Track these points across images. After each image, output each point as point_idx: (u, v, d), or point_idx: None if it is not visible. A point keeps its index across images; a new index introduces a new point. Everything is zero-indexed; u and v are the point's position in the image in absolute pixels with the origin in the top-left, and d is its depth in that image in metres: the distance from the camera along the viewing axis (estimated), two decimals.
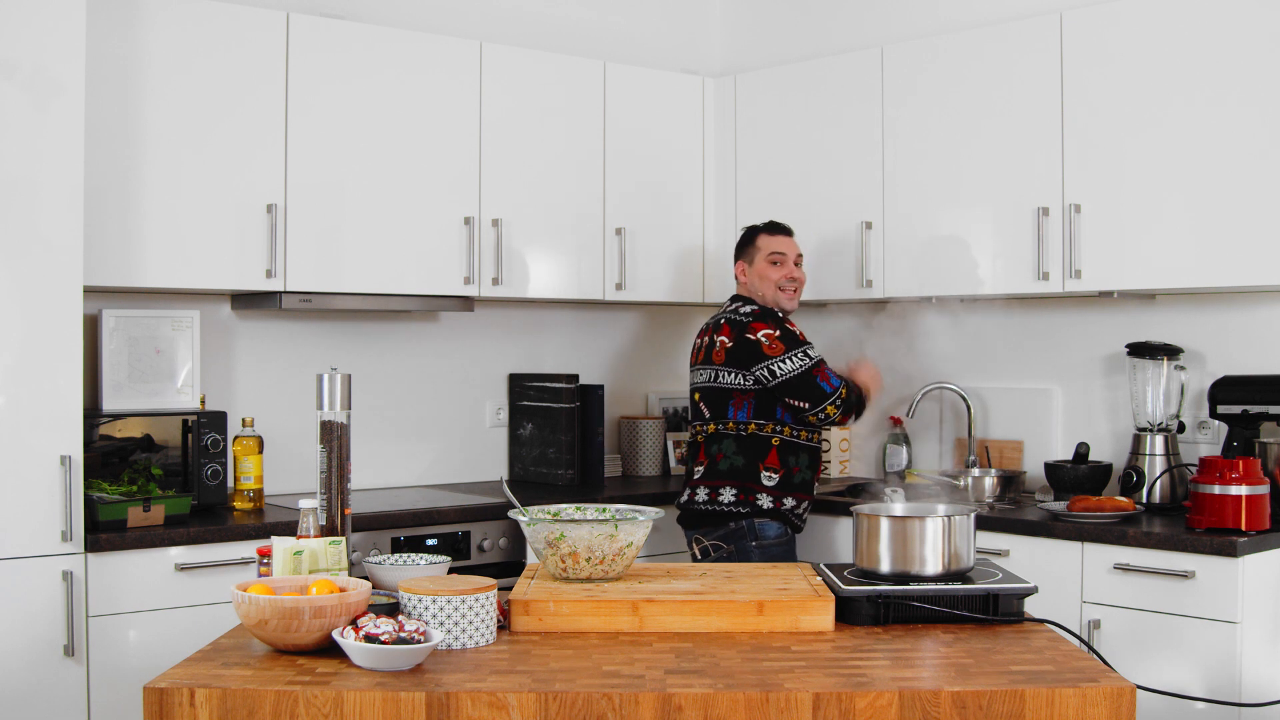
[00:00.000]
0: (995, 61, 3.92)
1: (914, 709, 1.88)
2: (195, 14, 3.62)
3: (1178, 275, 3.55)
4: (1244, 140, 3.42)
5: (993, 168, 3.92)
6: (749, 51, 4.95)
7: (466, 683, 1.93)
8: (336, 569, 2.33)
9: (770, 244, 3.80)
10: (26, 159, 3.16)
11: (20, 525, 3.14)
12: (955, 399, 4.35)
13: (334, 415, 2.44)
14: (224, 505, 3.71)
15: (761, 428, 3.64)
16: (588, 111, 4.38)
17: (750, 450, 3.64)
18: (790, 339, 3.65)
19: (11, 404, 3.14)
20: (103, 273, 3.47)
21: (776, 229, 3.85)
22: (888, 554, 2.37)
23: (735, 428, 3.66)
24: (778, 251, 3.79)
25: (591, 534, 2.35)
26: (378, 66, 3.94)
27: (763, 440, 3.64)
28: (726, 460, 3.65)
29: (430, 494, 4.14)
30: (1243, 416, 3.51)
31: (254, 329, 4.10)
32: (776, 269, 3.77)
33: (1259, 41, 3.39)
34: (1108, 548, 3.38)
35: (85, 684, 3.22)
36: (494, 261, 4.14)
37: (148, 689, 1.91)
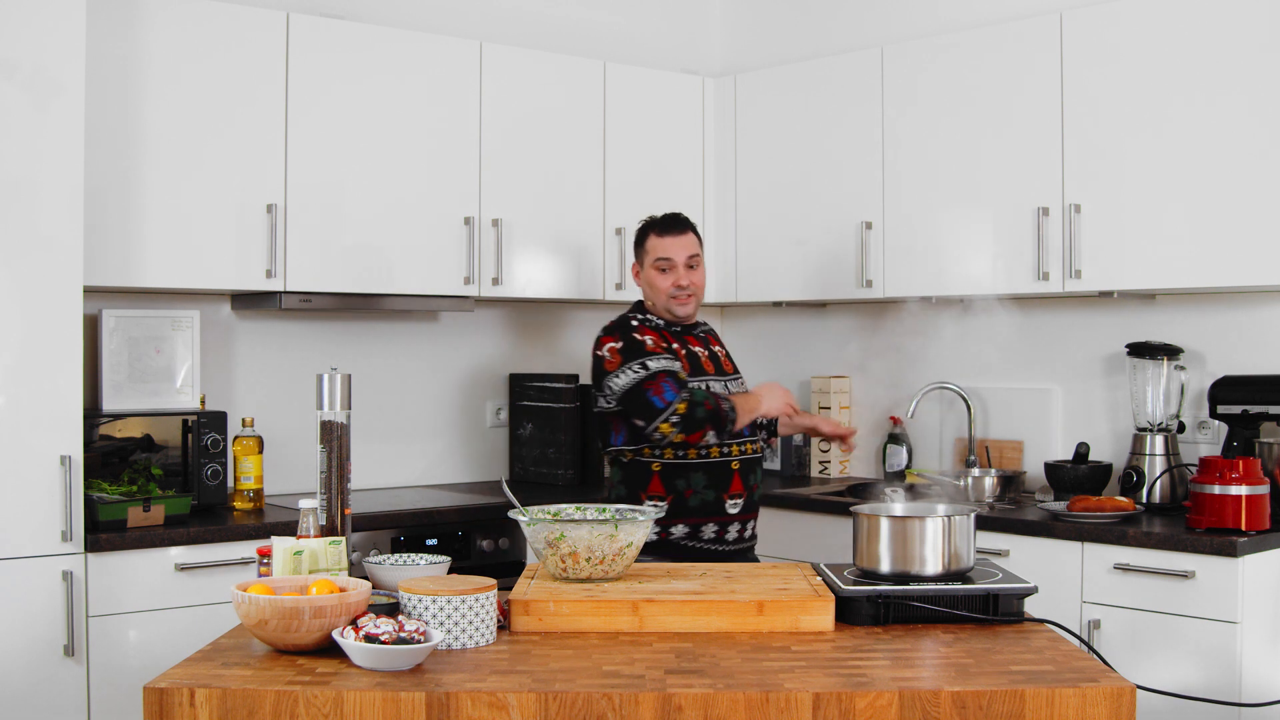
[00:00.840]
0: (995, 61, 3.92)
1: (914, 709, 1.88)
2: (195, 14, 3.62)
3: (1178, 275, 3.55)
4: (1244, 140, 3.42)
5: (993, 168, 3.92)
6: (749, 51, 4.95)
7: (466, 683, 1.93)
8: (336, 569, 2.33)
9: (657, 247, 3.41)
10: (26, 159, 3.16)
11: (20, 525, 3.14)
12: (955, 399, 4.35)
13: (334, 415, 2.44)
14: (224, 505, 3.71)
15: (639, 452, 3.29)
16: (588, 111, 4.38)
17: (632, 479, 3.31)
18: (631, 350, 3.27)
19: (11, 404, 3.14)
20: (103, 273, 3.47)
21: (666, 228, 3.43)
22: (888, 554, 2.37)
23: (617, 454, 3.34)
24: (663, 258, 3.39)
25: (591, 534, 2.35)
26: (378, 66, 3.94)
27: (643, 467, 3.29)
28: (614, 490, 3.38)
29: (430, 494, 4.14)
30: (1243, 416, 3.51)
31: (254, 329, 4.09)
32: (663, 276, 3.38)
33: (1258, 41, 3.39)
34: (1108, 548, 3.38)
35: (85, 684, 3.22)
36: (494, 261, 4.14)
37: (148, 689, 1.91)
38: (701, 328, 3.52)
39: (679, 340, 3.41)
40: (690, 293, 3.40)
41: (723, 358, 3.51)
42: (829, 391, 4.62)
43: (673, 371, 3.26)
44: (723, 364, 3.49)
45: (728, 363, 3.52)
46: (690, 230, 3.44)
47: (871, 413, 4.65)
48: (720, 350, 3.53)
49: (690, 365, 3.38)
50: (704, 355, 3.43)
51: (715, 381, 3.38)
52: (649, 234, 3.45)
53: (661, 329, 3.39)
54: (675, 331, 3.43)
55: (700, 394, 3.24)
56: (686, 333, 3.46)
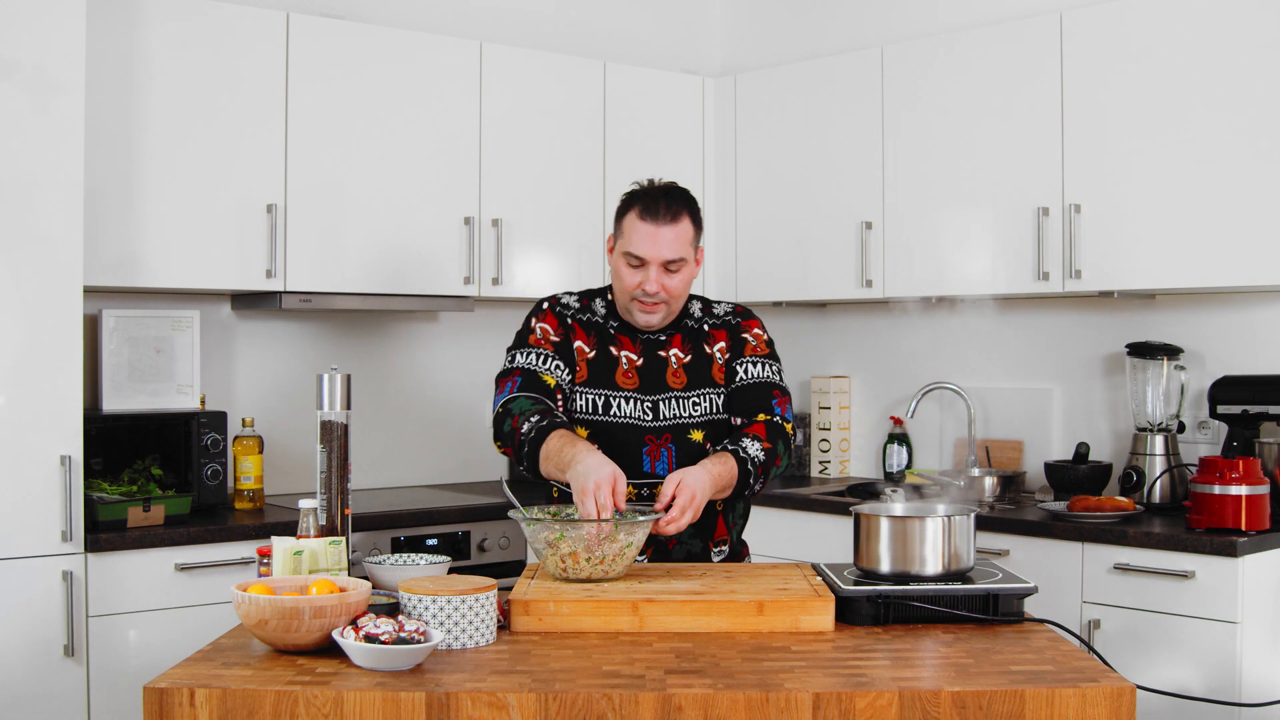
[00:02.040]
0: (995, 61, 3.92)
1: (914, 709, 1.88)
2: (195, 14, 3.62)
3: (1178, 275, 3.55)
4: (1244, 140, 3.42)
5: (993, 168, 3.92)
6: (749, 51, 4.95)
7: (466, 683, 1.93)
8: (336, 569, 2.33)
9: (632, 235, 2.63)
10: (26, 159, 3.16)
11: (20, 525, 3.14)
12: (955, 399, 4.35)
13: (334, 415, 2.44)
14: (224, 505, 3.71)
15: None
16: (588, 111, 4.38)
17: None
18: (517, 339, 2.76)
19: (11, 404, 3.14)
20: (103, 273, 3.47)
21: (651, 210, 2.62)
22: (888, 554, 2.36)
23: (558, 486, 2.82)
24: (634, 253, 2.63)
25: (590, 533, 2.35)
26: (378, 66, 3.94)
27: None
28: None
29: (430, 494, 4.14)
30: (1243, 416, 3.51)
31: (254, 329, 4.10)
32: (630, 273, 2.65)
33: (1258, 41, 3.39)
34: (1108, 548, 3.38)
35: (85, 684, 3.22)
36: (494, 261, 4.14)
37: (148, 689, 1.91)
38: (672, 328, 2.76)
39: (600, 336, 2.74)
40: (660, 300, 2.66)
41: (674, 367, 2.72)
42: (829, 391, 4.62)
43: (529, 372, 2.66)
44: (666, 379, 2.70)
45: (679, 375, 2.71)
46: (683, 217, 2.64)
47: (871, 413, 4.65)
48: (679, 355, 2.74)
49: (591, 373, 2.69)
50: (630, 361, 2.71)
51: (629, 399, 2.68)
52: (630, 209, 2.66)
53: (586, 321, 2.75)
54: (612, 326, 2.75)
55: (521, 405, 2.59)
56: (626, 330, 2.74)
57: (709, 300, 2.84)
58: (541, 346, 2.70)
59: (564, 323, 2.74)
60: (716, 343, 2.76)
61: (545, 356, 2.68)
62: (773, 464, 2.63)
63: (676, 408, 2.69)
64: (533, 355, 2.69)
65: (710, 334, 2.77)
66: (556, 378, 2.67)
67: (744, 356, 2.75)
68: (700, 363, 2.74)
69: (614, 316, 2.76)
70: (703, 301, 2.83)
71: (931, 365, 4.43)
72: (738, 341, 2.77)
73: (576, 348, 2.72)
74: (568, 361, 2.71)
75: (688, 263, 2.66)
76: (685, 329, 2.76)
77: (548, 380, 2.66)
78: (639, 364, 2.71)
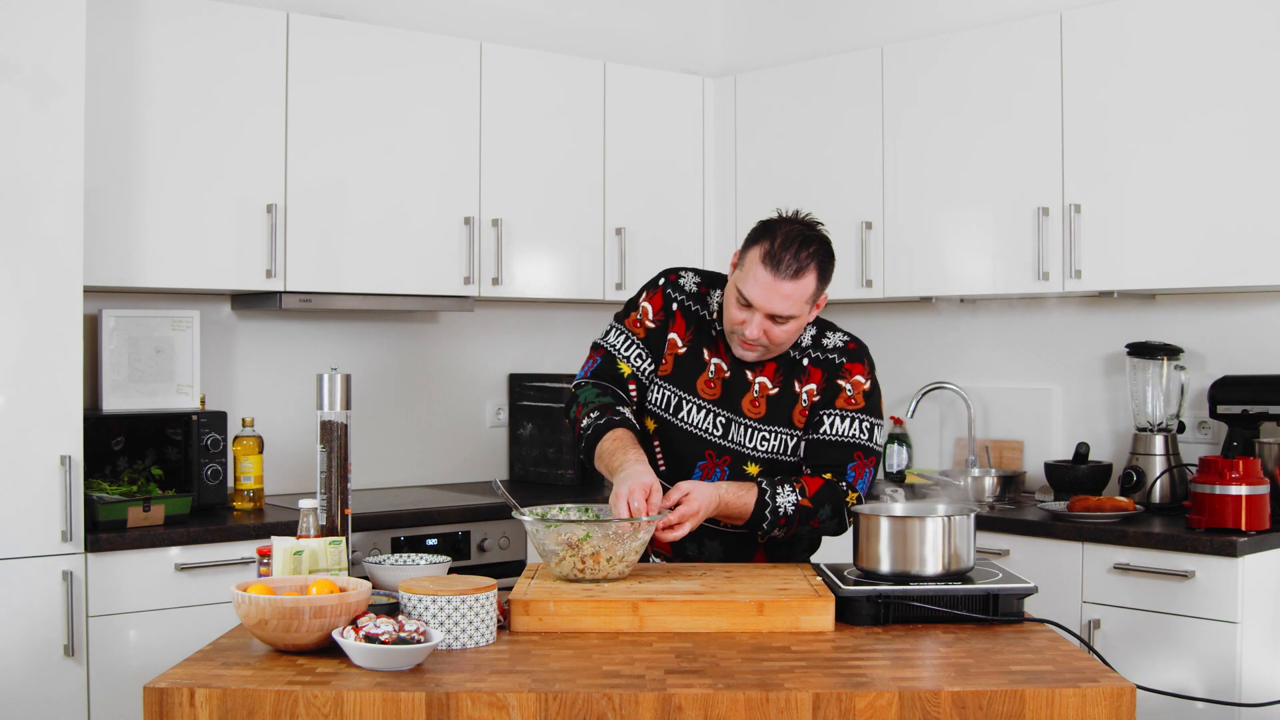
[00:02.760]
0: (995, 61, 3.92)
1: (914, 709, 1.88)
2: (195, 14, 3.62)
3: (1178, 275, 3.55)
4: (1244, 140, 3.42)
5: (993, 168, 3.92)
6: (749, 51, 4.95)
7: (466, 683, 1.93)
8: (336, 569, 2.33)
9: (752, 279, 2.48)
10: (26, 159, 3.16)
11: (20, 525, 3.14)
12: (955, 399, 4.35)
13: (334, 415, 2.44)
14: (224, 505, 3.71)
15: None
16: (588, 111, 4.38)
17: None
18: (626, 305, 2.72)
19: (11, 404, 3.14)
20: (103, 273, 3.47)
21: (774, 259, 2.47)
22: (888, 554, 2.36)
23: None
24: (746, 300, 2.49)
25: (617, 532, 2.34)
26: (378, 66, 3.94)
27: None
28: None
29: (430, 494, 4.14)
30: (1243, 416, 3.51)
31: (254, 329, 4.09)
32: (738, 311, 2.51)
33: (1258, 41, 3.39)
34: (1108, 548, 3.38)
35: (85, 684, 3.21)
36: (494, 261, 4.14)
37: (148, 689, 1.91)
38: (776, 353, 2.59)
39: (700, 332, 2.63)
40: (760, 344, 2.53)
41: (755, 395, 2.59)
42: None
43: (609, 355, 2.64)
44: (743, 403, 2.59)
45: (758, 405, 2.58)
46: (807, 274, 2.47)
47: None
48: (765, 384, 2.59)
49: (675, 370, 2.63)
50: (718, 370, 2.61)
51: (702, 409, 2.60)
52: (757, 244, 2.51)
53: (693, 312, 2.65)
54: (716, 328, 2.63)
55: (586, 396, 2.59)
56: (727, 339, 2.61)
57: (825, 325, 2.64)
58: (633, 330, 2.65)
59: (668, 307, 2.65)
60: (808, 383, 2.59)
61: (632, 342, 2.64)
62: (805, 524, 2.54)
63: (745, 435, 2.59)
64: (621, 337, 2.65)
65: (807, 370, 2.60)
66: (634, 367, 2.63)
67: (834, 408, 2.58)
68: (784, 399, 2.59)
69: (723, 319, 2.61)
70: (818, 327, 2.64)
71: (931, 365, 4.43)
72: (832, 388, 2.59)
73: (670, 339, 2.64)
74: (656, 350, 2.64)
75: (800, 318, 2.52)
76: (783, 358, 2.60)
77: (623, 369, 2.63)
78: (726, 375, 2.60)
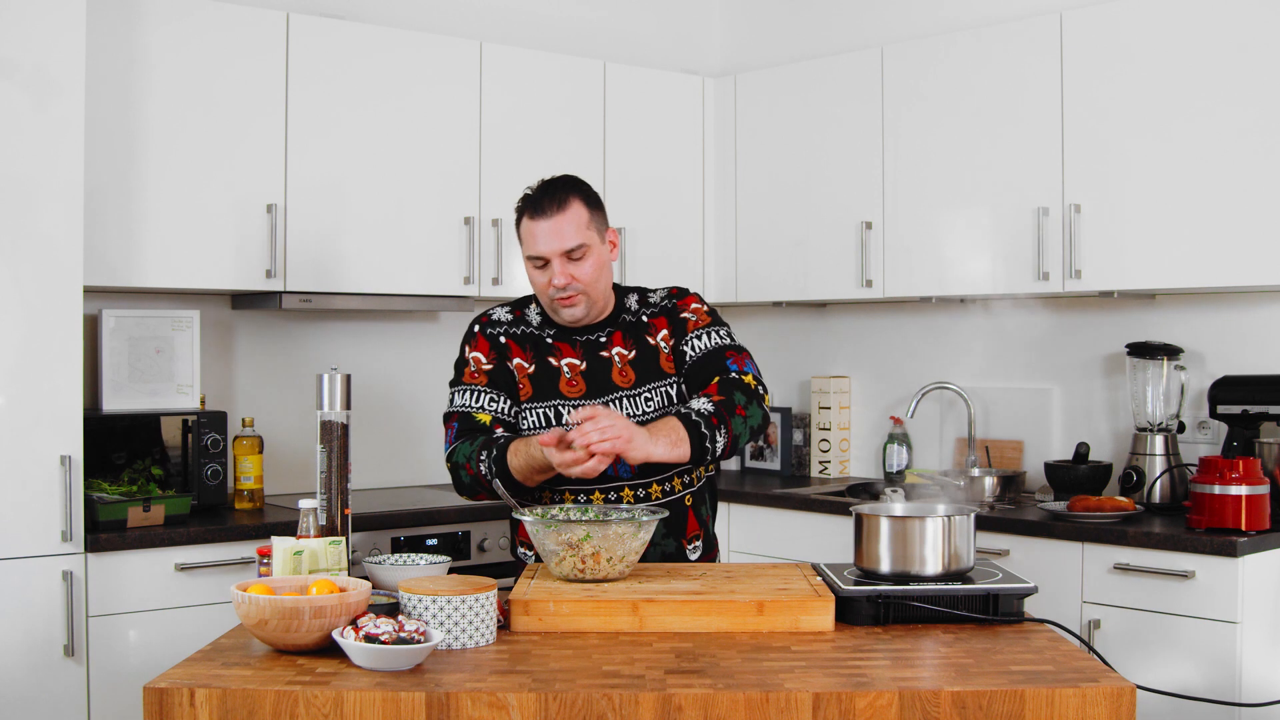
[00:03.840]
0: (995, 61, 3.92)
1: (914, 709, 1.88)
2: (195, 14, 3.62)
3: (1178, 275, 3.55)
4: (1244, 140, 3.42)
5: (993, 168, 3.92)
6: (749, 51, 4.95)
7: (466, 683, 1.93)
8: (336, 569, 2.33)
9: (527, 238, 2.59)
10: (26, 159, 3.16)
11: (20, 525, 3.14)
12: (955, 399, 4.35)
13: (334, 415, 2.44)
14: (224, 505, 3.71)
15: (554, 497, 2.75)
16: (588, 111, 4.38)
17: None
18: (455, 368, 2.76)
19: (11, 404, 3.14)
20: (103, 273, 3.47)
21: (535, 207, 2.58)
22: (888, 554, 2.36)
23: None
24: (533, 255, 2.59)
25: (618, 533, 2.34)
26: (378, 66, 3.94)
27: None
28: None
29: (430, 494, 4.14)
30: (1243, 416, 3.51)
31: (254, 329, 4.09)
32: (539, 274, 2.60)
33: (1258, 41, 3.39)
34: (1108, 548, 3.38)
35: (85, 684, 3.21)
36: (494, 261, 4.14)
37: (148, 689, 1.91)
38: (609, 325, 2.69)
39: (537, 349, 2.68)
40: (575, 292, 2.59)
41: (619, 366, 2.66)
42: (829, 391, 4.62)
43: (464, 414, 2.65)
44: (613, 377, 2.65)
45: (626, 372, 2.65)
46: (571, 202, 2.58)
47: (871, 413, 4.65)
48: (622, 353, 2.67)
49: (535, 388, 2.66)
50: (572, 368, 2.66)
51: (577, 408, 2.56)
52: (521, 217, 2.62)
53: (520, 335, 2.70)
54: (548, 336, 2.69)
55: (463, 453, 2.58)
56: (563, 336, 2.68)
57: (645, 289, 2.77)
58: (475, 381, 2.66)
59: (496, 344, 2.69)
60: (658, 331, 2.70)
61: (478, 393, 2.65)
62: (732, 413, 2.51)
63: (629, 406, 2.64)
64: (467, 394, 2.66)
65: (650, 324, 2.70)
66: (491, 411, 2.64)
67: (687, 334, 2.67)
68: (646, 356, 2.67)
69: (549, 324, 2.71)
70: (639, 292, 2.76)
71: (931, 365, 4.43)
72: (678, 323, 2.69)
73: (515, 365, 2.68)
74: (507, 384, 2.67)
75: (591, 248, 2.59)
76: (624, 325, 2.70)
77: (482, 418, 2.63)
78: (582, 369, 2.66)
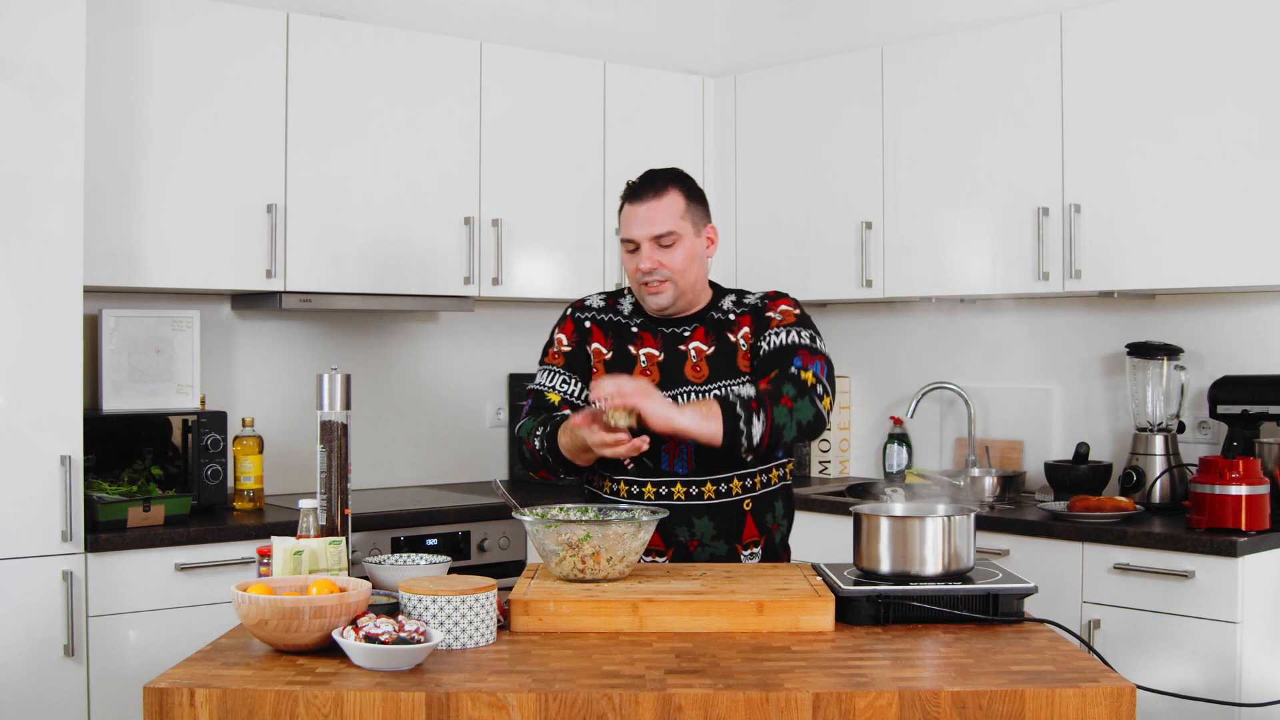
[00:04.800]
0: (995, 61, 3.92)
1: (914, 709, 1.88)
2: (195, 14, 3.62)
3: (1178, 275, 3.55)
4: (1244, 140, 3.42)
5: (993, 168, 3.92)
6: (749, 51, 4.95)
7: (466, 683, 1.93)
8: (336, 569, 2.33)
9: (624, 222, 2.66)
10: (26, 159, 3.16)
11: (20, 525, 3.14)
12: (955, 399, 4.35)
13: (334, 415, 2.44)
14: (224, 505, 3.71)
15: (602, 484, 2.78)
16: (588, 111, 4.38)
17: None
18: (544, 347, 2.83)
19: (11, 404, 3.14)
20: (103, 273, 3.47)
21: (635, 193, 2.65)
22: (888, 554, 2.36)
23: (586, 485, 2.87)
24: (626, 238, 2.65)
25: (617, 533, 2.34)
26: (378, 66, 3.94)
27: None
28: None
29: (430, 494, 4.14)
30: (1243, 416, 3.51)
31: (254, 329, 4.09)
32: (630, 259, 2.65)
33: (1258, 41, 3.39)
34: (1108, 548, 3.38)
35: (85, 684, 3.21)
36: (494, 261, 4.14)
37: (148, 689, 1.91)
38: (696, 320, 2.70)
39: (619, 336, 2.72)
40: (662, 278, 2.61)
41: (694, 360, 2.66)
42: None
43: (538, 393, 2.73)
44: (685, 374, 2.64)
45: (700, 368, 2.65)
46: (669, 191, 2.64)
47: (871, 413, 4.65)
48: (700, 348, 2.67)
49: (607, 373, 2.67)
50: (649, 358, 2.67)
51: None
52: (622, 204, 2.69)
53: (606, 322, 2.74)
54: (634, 325, 2.72)
55: (525, 429, 2.68)
56: (649, 327, 2.71)
57: (744, 291, 2.76)
58: (553, 362, 2.74)
59: (581, 328, 2.74)
60: (741, 329, 2.67)
61: (554, 373, 2.73)
62: (776, 402, 2.47)
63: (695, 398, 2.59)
64: (544, 375, 2.75)
65: (735, 322, 2.68)
66: (561, 393, 2.71)
67: (768, 330, 2.64)
68: (724, 353, 2.65)
69: (639, 313, 2.73)
70: (737, 293, 2.75)
71: (931, 365, 4.43)
72: (761, 321, 2.66)
73: (594, 350, 2.72)
74: (582, 367, 2.72)
75: (683, 237, 2.62)
76: (709, 320, 2.69)
77: (552, 398, 2.71)
78: (660, 359, 2.66)
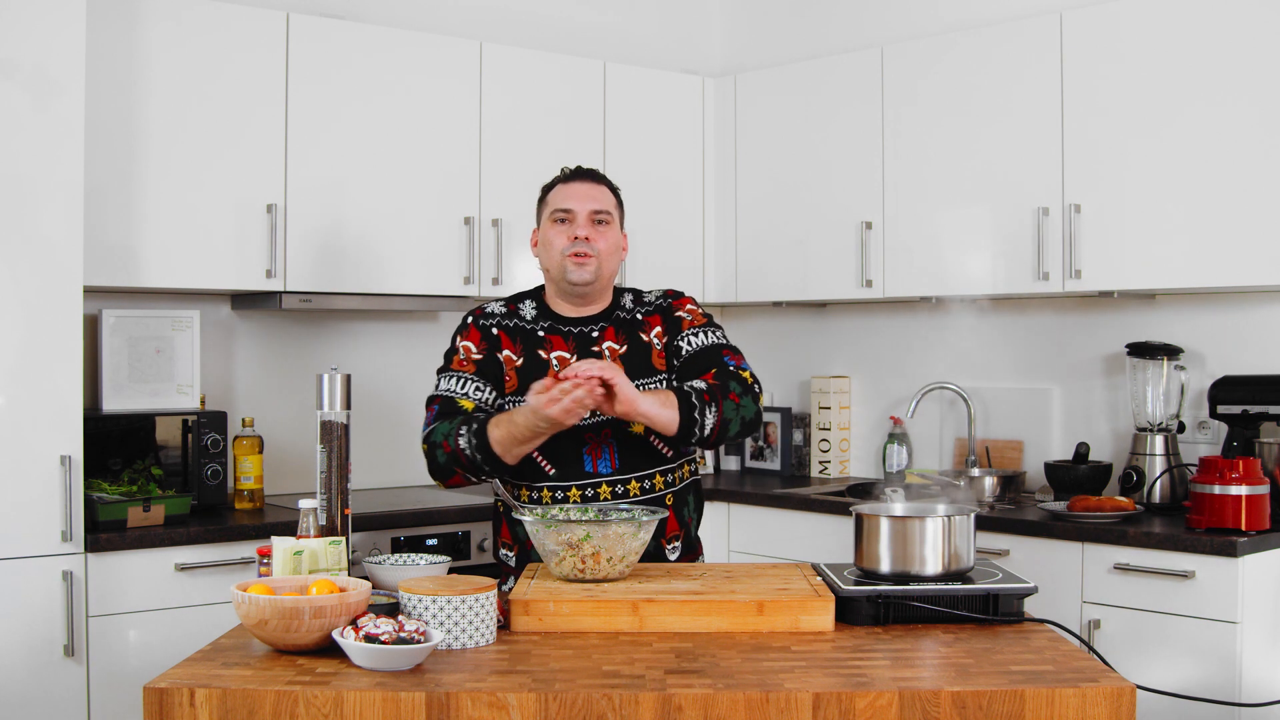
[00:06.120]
0: (995, 61, 3.92)
1: (914, 709, 1.88)
2: (195, 14, 3.62)
3: (1178, 275, 3.55)
4: (1244, 140, 3.42)
5: (993, 168, 3.92)
6: (749, 51, 4.95)
7: (466, 683, 1.93)
8: (336, 569, 2.33)
9: (558, 197, 2.70)
10: (26, 158, 3.16)
11: (20, 525, 3.14)
12: (955, 399, 4.35)
13: (334, 415, 2.44)
14: (224, 505, 3.71)
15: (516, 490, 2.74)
16: (588, 111, 4.38)
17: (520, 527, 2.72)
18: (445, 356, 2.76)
19: (11, 404, 3.14)
20: (103, 273, 3.47)
21: (571, 175, 2.73)
22: (888, 554, 2.36)
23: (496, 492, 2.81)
24: (562, 208, 2.67)
25: (618, 533, 2.34)
26: (378, 66, 3.94)
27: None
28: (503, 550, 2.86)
29: (430, 494, 4.14)
30: (1243, 416, 3.51)
31: (254, 329, 4.09)
32: (560, 229, 2.67)
33: (1258, 41, 3.39)
34: (1108, 548, 3.38)
35: (85, 684, 3.21)
36: (494, 261, 4.14)
37: (148, 689, 1.91)
38: (603, 319, 2.72)
39: (527, 342, 2.70)
40: (589, 252, 2.65)
41: (608, 359, 2.65)
42: (829, 391, 4.62)
43: (446, 399, 2.66)
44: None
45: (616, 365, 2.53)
46: (604, 183, 2.73)
47: (871, 413, 4.65)
48: (613, 347, 2.69)
49: (521, 380, 2.65)
50: (561, 362, 2.67)
51: None
52: (552, 187, 2.74)
53: (512, 328, 2.73)
54: (540, 329, 2.71)
55: (441, 431, 2.60)
56: (555, 330, 2.71)
57: (639, 290, 2.81)
58: (462, 369, 2.69)
59: (489, 334, 2.71)
60: (652, 329, 2.73)
61: (464, 379, 2.67)
62: (724, 397, 2.55)
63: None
64: (452, 380, 2.68)
65: (644, 321, 2.73)
66: (475, 400, 2.66)
67: (682, 332, 2.72)
68: (637, 352, 2.70)
69: (544, 317, 2.73)
70: (633, 293, 2.80)
71: (931, 365, 4.43)
72: (672, 322, 2.73)
73: (504, 357, 2.70)
74: (494, 374, 2.69)
75: (613, 226, 2.70)
76: (617, 320, 2.73)
77: (465, 405, 2.65)
78: (571, 361, 2.65)
